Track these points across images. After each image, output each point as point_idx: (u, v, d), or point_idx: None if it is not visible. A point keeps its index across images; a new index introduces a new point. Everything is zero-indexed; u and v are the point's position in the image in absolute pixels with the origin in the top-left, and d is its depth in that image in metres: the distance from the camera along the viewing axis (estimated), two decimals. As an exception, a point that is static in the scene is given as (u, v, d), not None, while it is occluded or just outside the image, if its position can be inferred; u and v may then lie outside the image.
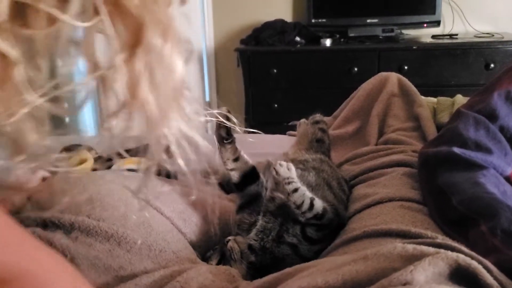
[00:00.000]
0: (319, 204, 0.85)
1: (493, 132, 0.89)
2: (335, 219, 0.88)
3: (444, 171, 0.85)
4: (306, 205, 0.83)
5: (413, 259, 0.57)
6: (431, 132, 1.21)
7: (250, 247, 0.85)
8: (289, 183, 0.84)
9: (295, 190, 0.84)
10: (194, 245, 0.89)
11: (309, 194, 0.85)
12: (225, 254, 0.85)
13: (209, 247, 0.90)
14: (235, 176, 0.91)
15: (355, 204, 0.95)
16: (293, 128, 1.44)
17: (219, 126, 0.88)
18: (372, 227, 0.80)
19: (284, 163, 0.86)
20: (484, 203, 0.74)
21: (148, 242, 0.79)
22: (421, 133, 1.24)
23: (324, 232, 0.86)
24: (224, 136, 0.89)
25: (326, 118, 1.32)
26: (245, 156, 0.92)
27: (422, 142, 1.19)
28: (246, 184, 0.92)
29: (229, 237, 0.86)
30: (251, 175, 0.92)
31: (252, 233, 0.86)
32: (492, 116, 0.91)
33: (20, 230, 0.48)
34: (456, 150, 0.87)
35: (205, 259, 0.87)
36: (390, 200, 0.89)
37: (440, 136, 0.98)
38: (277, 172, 0.85)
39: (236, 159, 0.90)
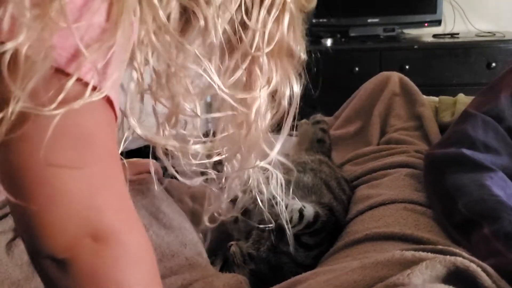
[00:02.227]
0: (310, 212, 0.82)
1: (502, 134, 0.88)
2: (330, 220, 0.86)
3: (452, 173, 0.84)
4: (295, 220, 0.80)
5: (412, 265, 0.56)
6: (433, 131, 1.20)
7: (249, 255, 0.84)
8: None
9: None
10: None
11: (297, 205, 0.81)
12: (228, 259, 0.84)
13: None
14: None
15: (358, 206, 0.94)
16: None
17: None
18: (374, 230, 0.79)
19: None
20: (487, 206, 0.73)
21: (163, 247, 0.78)
22: (423, 133, 1.23)
23: (321, 236, 0.84)
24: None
25: (327, 118, 1.32)
26: None
27: (424, 141, 1.18)
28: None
29: (232, 242, 0.86)
30: None
31: (249, 243, 0.85)
32: (499, 117, 0.90)
33: (131, 199, 0.47)
34: (465, 151, 0.86)
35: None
36: (393, 202, 0.88)
37: (448, 138, 0.96)
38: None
39: None
